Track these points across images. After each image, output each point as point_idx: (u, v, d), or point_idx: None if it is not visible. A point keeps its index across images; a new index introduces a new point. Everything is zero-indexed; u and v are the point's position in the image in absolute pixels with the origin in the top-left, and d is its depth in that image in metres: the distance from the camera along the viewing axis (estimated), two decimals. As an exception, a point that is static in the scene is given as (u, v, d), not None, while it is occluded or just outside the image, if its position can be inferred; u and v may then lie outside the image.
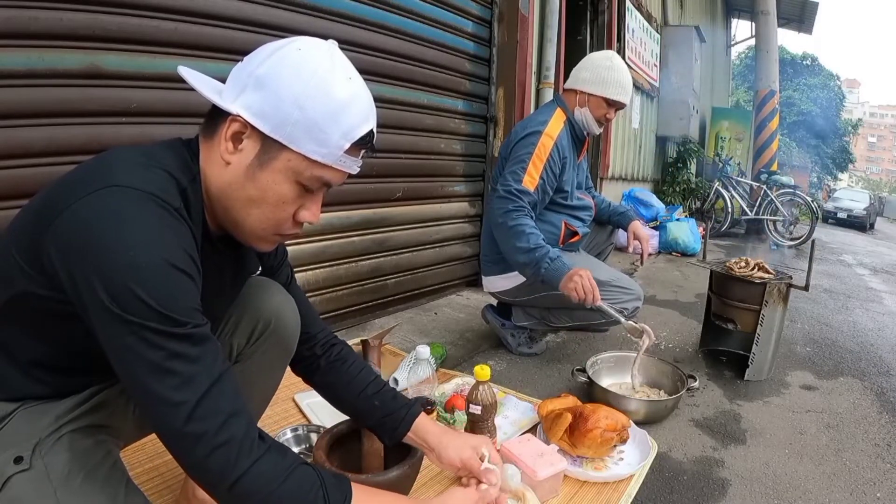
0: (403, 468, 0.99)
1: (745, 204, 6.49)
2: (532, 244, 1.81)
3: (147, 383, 0.63)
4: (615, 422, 1.37)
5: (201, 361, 0.66)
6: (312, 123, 0.70)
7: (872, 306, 3.65)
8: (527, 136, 1.94)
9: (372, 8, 2.26)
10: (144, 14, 1.54)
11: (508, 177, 1.90)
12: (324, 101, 0.70)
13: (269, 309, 0.97)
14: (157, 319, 0.63)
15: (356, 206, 2.35)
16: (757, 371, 2.06)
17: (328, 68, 0.72)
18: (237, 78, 0.73)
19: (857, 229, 13.25)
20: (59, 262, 0.65)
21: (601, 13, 4.71)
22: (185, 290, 0.67)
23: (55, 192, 0.69)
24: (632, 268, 4.09)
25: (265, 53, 0.72)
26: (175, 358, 0.64)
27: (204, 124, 0.77)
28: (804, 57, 23.17)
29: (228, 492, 0.66)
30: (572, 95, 2.04)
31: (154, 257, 0.64)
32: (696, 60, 6.71)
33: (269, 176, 0.72)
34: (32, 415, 0.74)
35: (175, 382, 0.64)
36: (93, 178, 0.67)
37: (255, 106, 0.70)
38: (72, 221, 0.64)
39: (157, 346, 0.63)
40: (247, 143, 0.72)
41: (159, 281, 0.64)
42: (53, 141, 1.41)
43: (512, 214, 1.84)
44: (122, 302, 0.62)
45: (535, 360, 2.13)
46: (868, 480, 1.46)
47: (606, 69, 1.97)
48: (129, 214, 0.64)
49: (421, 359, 1.63)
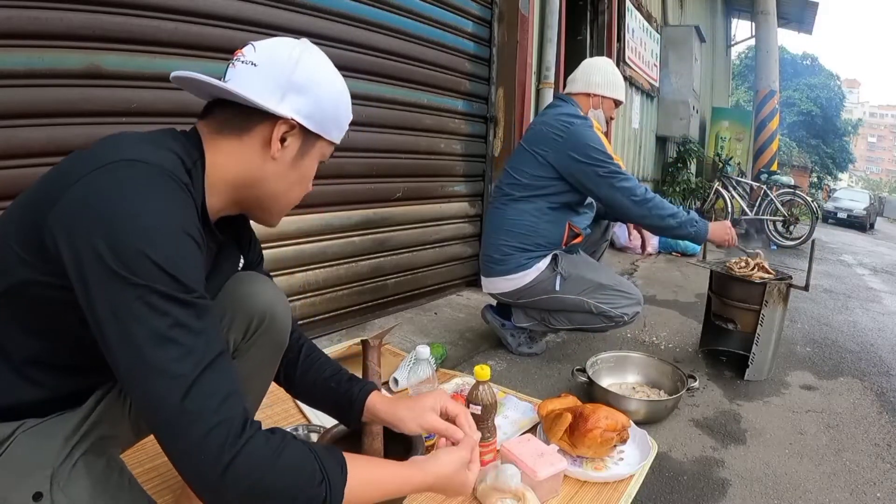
0: None
1: (745, 204, 6.48)
2: (668, 212, 1.98)
3: (146, 353, 0.61)
4: (615, 422, 1.37)
5: (204, 335, 0.64)
6: (339, 116, 0.86)
7: (872, 306, 3.65)
8: (585, 129, 1.98)
9: (372, 8, 2.26)
10: (144, 14, 1.54)
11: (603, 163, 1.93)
12: (342, 97, 0.86)
13: (264, 304, 0.98)
14: (166, 282, 0.62)
15: (356, 206, 2.35)
16: (757, 371, 2.06)
17: (333, 68, 0.85)
18: (268, 83, 0.78)
19: (857, 229, 13.25)
20: (64, 236, 0.63)
21: (601, 13, 4.71)
22: (195, 258, 0.68)
23: (55, 176, 0.69)
24: (632, 267, 4.09)
25: (287, 59, 0.79)
26: (178, 327, 0.62)
27: (211, 120, 0.81)
28: (804, 57, 23.20)
29: (221, 476, 0.61)
30: (583, 99, 2.14)
31: (167, 222, 0.65)
32: (696, 60, 6.70)
33: (308, 162, 0.85)
34: (36, 438, 0.72)
35: (176, 353, 0.61)
36: (100, 156, 0.67)
37: (304, 109, 0.80)
38: (82, 193, 0.64)
39: (162, 312, 0.62)
40: (291, 141, 0.81)
41: (172, 244, 0.64)
42: (53, 141, 1.40)
43: (639, 190, 1.96)
44: (131, 264, 0.61)
45: (535, 360, 2.13)
46: (868, 480, 1.46)
47: (613, 73, 2.16)
48: (142, 183, 0.66)
49: (421, 359, 1.62)
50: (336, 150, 0.89)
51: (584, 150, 1.94)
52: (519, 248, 2.00)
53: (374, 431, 1.09)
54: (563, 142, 1.96)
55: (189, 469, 0.62)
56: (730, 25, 11.71)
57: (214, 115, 0.81)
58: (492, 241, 2.07)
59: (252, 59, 0.79)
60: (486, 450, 1.22)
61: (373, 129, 2.36)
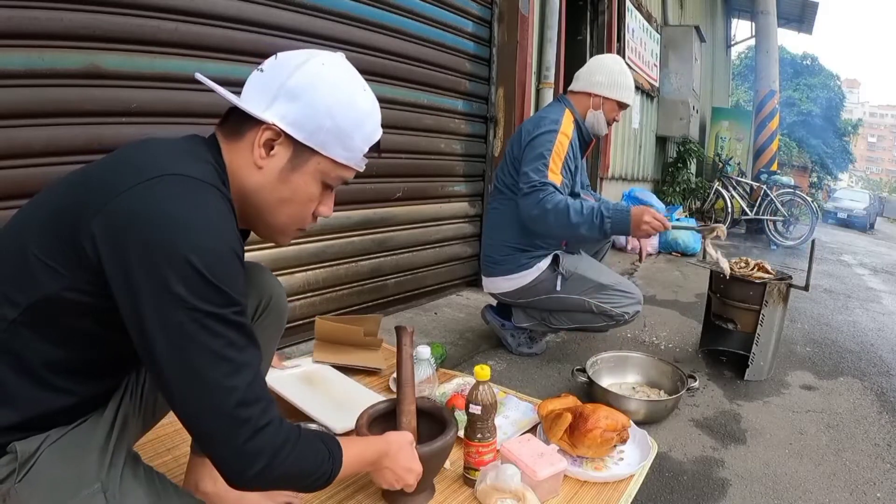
0: (445, 439, 1.12)
1: (745, 204, 6.49)
2: (584, 210, 1.81)
3: (200, 369, 0.65)
4: (615, 422, 1.37)
5: (249, 351, 0.69)
6: (341, 131, 0.79)
7: (872, 306, 3.65)
8: (543, 133, 1.93)
9: (372, 8, 2.26)
10: (144, 14, 1.54)
11: (531, 173, 1.88)
12: (351, 112, 0.79)
13: (268, 287, 1.05)
14: (219, 303, 0.65)
15: (356, 206, 2.35)
16: (757, 371, 2.06)
17: (350, 81, 0.81)
18: (263, 88, 0.77)
19: (857, 229, 13.25)
20: (110, 246, 0.64)
21: (601, 13, 4.70)
22: (241, 274, 0.71)
23: (90, 185, 0.69)
24: (632, 268, 4.09)
25: (290, 66, 0.77)
26: (231, 346, 0.67)
27: (225, 127, 0.80)
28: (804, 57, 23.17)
29: (263, 470, 0.69)
30: (584, 98, 2.05)
31: (221, 239, 0.67)
32: (696, 60, 6.70)
33: (300, 178, 0.79)
34: (67, 451, 0.72)
35: (228, 369, 0.66)
36: (143, 168, 0.68)
37: (290, 116, 0.76)
38: (133, 206, 0.64)
39: (215, 333, 0.65)
40: (279, 150, 0.77)
41: (225, 263, 0.67)
42: (53, 141, 1.41)
43: (546, 200, 1.83)
44: (187, 282, 0.63)
45: (535, 360, 2.13)
46: (868, 480, 1.46)
47: (620, 74, 2.03)
48: (196, 201, 0.67)
49: (421, 359, 1.62)
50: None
51: (530, 154, 1.92)
52: (519, 247, 2.00)
53: (409, 410, 1.17)
54: (524, 142, 1.97)
55: (233, 468, 0.70)
56: (730, 25, 11.70)
57: (227, 120, 0.81)
58: (492, 241, 2.07)
59: (265, 66, 0.79)
60: (486, 450, 1.22)
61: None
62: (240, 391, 0.67)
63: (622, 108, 2.08)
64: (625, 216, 1.81)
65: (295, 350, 1.99)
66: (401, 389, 1.17)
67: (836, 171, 24.69)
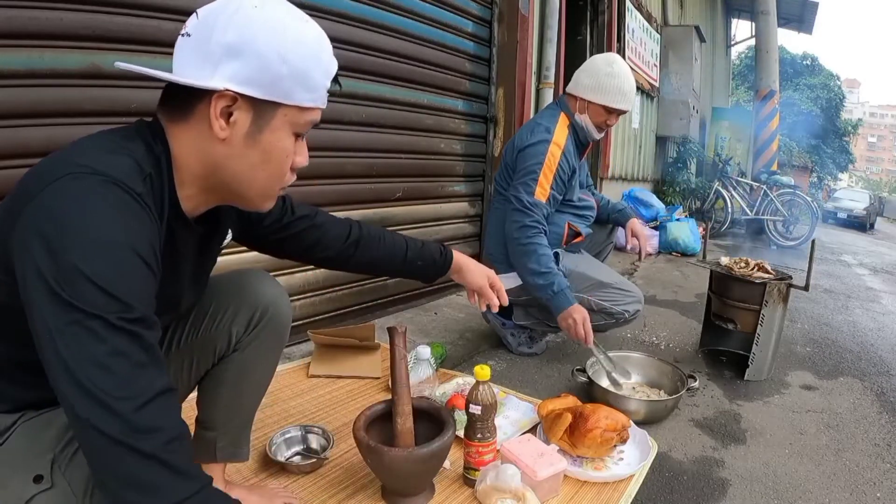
0: (443, 439, 1.12)
1: (745, 204, 6.48)
2: (543, 267, 1.86)
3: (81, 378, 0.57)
4: (615, 422, 1.37)
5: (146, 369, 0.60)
6: (300, 73, 0.70)
7: (872, 306, 3.65)
8: (534, 144, 1.93)
9: (372, 8, 2.26)
10: (144, 14, 1.54)
11: (521, 189, 1.90)
12: (302, 49, 0.71)
13: (267, 298, 1.00)
14: (106, 306, 0.58)
15: (356, 206, 2.35)
16: (757, 371, 2.06)
17: (291, 16, 0.72)
18: (198, 52, 0.68)
19: (857, 229, 13.25)
20: (19, 251, 0.61)
21: (601, 13, 4.71)
22: (143, 278, 0.63)
23: (23, 185, 0.66)
24: (632, 267, 4.09)
25: (221, 20, 0.67)
26: (117, 356, 0.58)
27: (166, 106, 0.73)
28: (804, 57, 23.14)
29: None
30: (574, 100, 2.01)
31: (112, 239, 0.61)
32: (695, 60, 6.70)
33: (269, 136, 0.72)
34: (33, 429, 0.73)
35: (112, 384, 0.57)
36: (57, 166, 0.64)
37: (240, 75, 0.67)
38: (36, 210, 0.61)
39: (100, 339, 0.58)
40: (238, 115, 0.70)
41: (114, 264, 0.60)
42: (53, 141, 1.40)
43: (527, 231, 1.87)
44: (71, 285, 0.58)
45: (535, 360, 2.13)
46: (868, 480, 1.46)
47: (607, 76, 1.92)
48: (92, 199, 0.61)
49: (421, 359, 1.63)
50: (336, 149, 0.85)
51: (521, 166, 1.93)
52: None
53: (406, 412, 1.16)
54: (517, 149, 1.98)
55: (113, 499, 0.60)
56: (730, 25, 11.70)
57: (167, 101, 0.73)
58: (494, 241, 2.08)
59: (189, 28, 0.70)
60: (486, 450, 1.22)
61: (373, 129, 2.36)
62: (124, 413, 0.57)
63: (614, 113, 1.97)
64: (563, 304, 1.85)
65: (295, 350, 1.99)
66: (395, 391, 1.17)
67: (836, 171, 24.66)
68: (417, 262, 1.19)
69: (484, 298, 1.29)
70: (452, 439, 1.16)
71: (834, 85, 22.89)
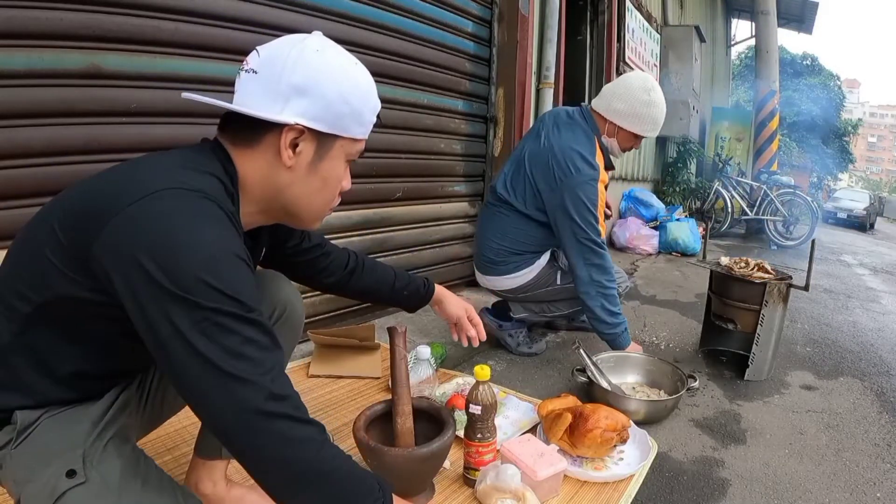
0: (443, 439, 1.13)
1: (745, 204, 6.48)
2: (617, 308, 1.96)
3: (221, 366, 0.64)
4: (615, 422, 1.37)
5: (270, 350, 0.69)
6: (356, 111, 0.82)
7: (872, 306, 3.65)
8: (587, 183, 1.87)
9: (372, 8, 2.26)
10: (144, 14, 1.54)
11: (589, 231, 1.88)
12: (358, 91, 0.82)
13: (284, 297, 1.07)
14: (231, 304, 0.66)
15: (356, 206, 2.35)
16: (757, 371, 2.06)
17: (346, 60, 0.83)
18: (267, 89, 0.76)
19: (857, 229, 13.24)
20: (114, 268, 0.65)
21: (601, 13, 4.70)
22: (250, 279, 0.71)
23: (99, 193, 0.70)
24: (632, 267, 4.09)
25: (290, 62, 0.76)
26: (248, 343, 0.66)
27: (230, 133, 0.80)
28: (804, 57, 23.13)
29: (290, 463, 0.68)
30: (603, 121, 1.97)
31: (222, 248, 0.68)
32: (695, 60, 6.70)
33: (328, 164, 0.83)
34: (62, 422, 0.75)
35: (248, 365, 0.66)
36: (145, 183, 0.68)
37: (309, 112, 0.77)
38: (131, 225, 0.65)
39: (230, 330, 0.65)
40: (304, 145, 0.79)
41: (229, 270, 0.67)
42: (53, 141, 1.40)
43: (609, 276, 1.94)
44: (195, 291, 0.64)
45: (535, 360, 2.13)
46: (868, 480, 1.46)
47: (644, 104, 1.89)
48: (192, 212, 0.68)
49: (421, 359, 1.63)
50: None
51: (575, 206, 1.86)
52: (516, 251, 2.02)
53: (406, 412, 1.17)
54: (560, 185, 1.88)
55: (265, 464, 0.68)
56: (730, 25, 11.71)
57: (230, 126, 0.80)
58: (488, 244, 2.07)
59: (254, 65, 0.77)
60: (486, 450, 1.22)
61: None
62: (264, 386, 0.66)
63: (639, 139, 1.98)
64: (625, 343, 1.99)
65: (295, 350, 1.97)
66: (395, 391, 1.17)
67: (836, 171, 24.66)
68: (404, 292, 1.31)
69: (463, 330, 1.39)
70: (452, 439, 1.16)
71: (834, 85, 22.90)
